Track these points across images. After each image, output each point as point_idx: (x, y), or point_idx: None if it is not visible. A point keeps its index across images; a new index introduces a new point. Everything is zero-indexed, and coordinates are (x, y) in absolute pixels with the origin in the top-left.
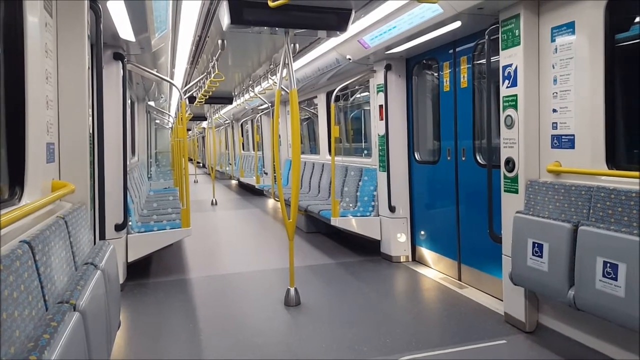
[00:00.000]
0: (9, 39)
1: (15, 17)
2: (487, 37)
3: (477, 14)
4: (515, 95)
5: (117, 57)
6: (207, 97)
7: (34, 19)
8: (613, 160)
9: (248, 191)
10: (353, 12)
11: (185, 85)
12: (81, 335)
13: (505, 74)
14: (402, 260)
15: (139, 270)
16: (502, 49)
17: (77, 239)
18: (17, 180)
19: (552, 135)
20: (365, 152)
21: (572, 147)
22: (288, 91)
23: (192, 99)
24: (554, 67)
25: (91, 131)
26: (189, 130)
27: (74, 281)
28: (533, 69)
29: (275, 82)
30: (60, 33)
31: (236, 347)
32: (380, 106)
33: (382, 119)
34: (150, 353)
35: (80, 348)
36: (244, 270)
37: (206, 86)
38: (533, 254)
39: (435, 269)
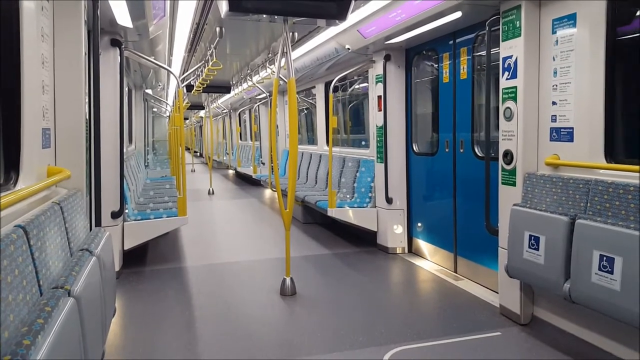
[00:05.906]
0: (5, 22)
1: (10, 0)
2: (487, 28)
3: (477, 5)
4: (515, 87)
5: (115, 43)
6: (205, 85)
7: (29, 3)
8: (611, 153)
9: (245, 181)
10: (353, 0)
11: (183, 73)
12: (75, 321)
13: (505, 65)
14: (398, 252)
15: (135, 258)
16: (503, 40)
17: (73, 225)
18: (12, 165)
19: (551, 128)
20: (363, 143)
21: (571, 140)
22: (286, 80)
23: (189, 88)
24: (554, 59)
25: (87, 117)
26: (186, 119)
27: (69, 267)
28: (533, 61)
29: (274, 71)
30: (56, 18)
31: (231, 336)
32: (379, 97)
33: (380, 110)
34: (146, 340)
35: (75, 333)
36: (240, 260)
37: (204, 74)
38: (529, 247)
39: (432, 261)
